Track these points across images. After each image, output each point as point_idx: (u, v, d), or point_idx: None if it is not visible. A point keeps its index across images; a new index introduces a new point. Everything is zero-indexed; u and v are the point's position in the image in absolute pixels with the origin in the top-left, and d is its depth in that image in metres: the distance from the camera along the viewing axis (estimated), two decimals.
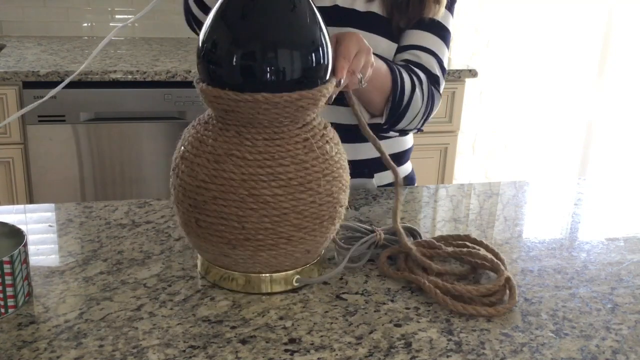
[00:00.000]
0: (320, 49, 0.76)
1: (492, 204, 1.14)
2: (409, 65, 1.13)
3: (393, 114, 1.09)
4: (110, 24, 2.69)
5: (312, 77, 0.75)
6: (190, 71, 2.10)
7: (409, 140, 1.27)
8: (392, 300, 0.80)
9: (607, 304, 0.81)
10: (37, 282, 0.81)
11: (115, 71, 2.07)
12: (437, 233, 1.01)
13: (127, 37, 2.70)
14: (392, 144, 1.22)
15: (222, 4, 0.75)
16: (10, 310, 0.74)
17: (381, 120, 1.11)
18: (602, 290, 0.85)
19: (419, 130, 1.19)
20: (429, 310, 0.78)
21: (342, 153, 0.82)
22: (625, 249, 0.97)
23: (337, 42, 0.89)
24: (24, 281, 0.75)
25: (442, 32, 1.17)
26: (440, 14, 1.15)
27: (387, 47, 1.15)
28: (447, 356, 0.70)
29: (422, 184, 1.34)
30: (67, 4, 2.64)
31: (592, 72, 3.24)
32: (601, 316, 0.78)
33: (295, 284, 0.81)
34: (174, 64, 2.18)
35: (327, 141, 0.78)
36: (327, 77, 0.78)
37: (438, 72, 1.15)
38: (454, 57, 2.93)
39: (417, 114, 1.12)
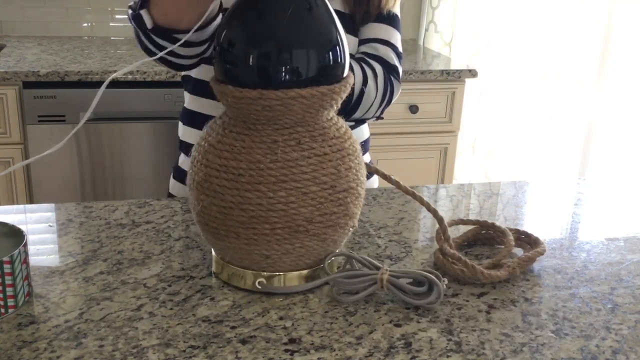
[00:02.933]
0: (336, 48, 0.76)
1: (492, 204, 1.14)
2: (364, 58, 1.16)
3: (342, 106, 1.10)
4: (111, 24, 2.69)
5: (327, 75, 0.76)
6: None
7: (365, 132, 1.31)
8: (392, 301, 0.80)
9: (607, 304, 0.81)
10: (37, 282, 0.81)
11: (115, 71, 2.07)
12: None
13: (127, 37, 2.70)
14: (359, 131, 1.25)
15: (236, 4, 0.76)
16: (10, 310, 0.74)
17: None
18: (602, 290, 0.85)
19: (379, 118, 1.22)
20: (429, 310, 0.78)
21: (359, 161, 0.81)
22: (625, 249, 0.97)
23: None
24: (24, 281, 0.75)
25: (394, 21, 1.21)
26: (397, 4, 1.19)
27: (351, 42, 1.16)
28: (447, 356, 0.70)
29: (422, 184, 1.34)
30: (67, 4, 2.64)
31: (592, 72, 3.24)
32: (601, 316, 0.78)
33: (258, 287, 0.79)
34: None
35: (334, 144, 0.79)
36: (344, 76, 0.79)
37: (396, 61, 1.19)
38: (454, 57, 2.93)
39: (372, 105, 1.15)
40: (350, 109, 1.13)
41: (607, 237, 1.01)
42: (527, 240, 0.94)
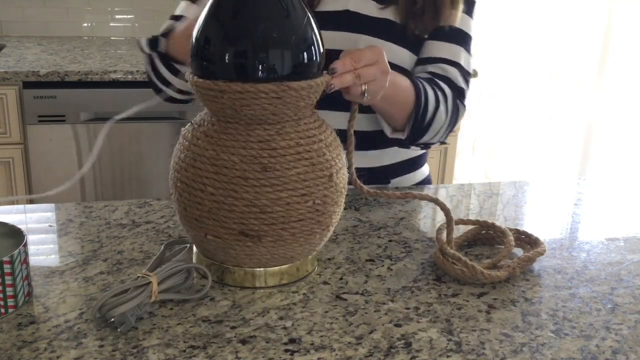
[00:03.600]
0: (307, 45, 0.77)
1: (492, 204, 1.14)
2: (434, 79, 1.10)
3: (415, 130, 1.07)
4: (111, 24, 2.69)
5: (300, 72, 0.76)
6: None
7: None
8: (392, 300, 0.80)
9: (607, 304, 0.81)
10: (37, 282, 0.81)
11: (115, 71, 2.07)
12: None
13: (127, 37, 2.70)
14: (408, 150, 1.20)
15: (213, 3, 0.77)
16: (10, 310, 0.74)
17: (402, 136, 1.08)
18: (602, 290, 0.85)
19: (442, 143, 1.17)
20: (429, 310, 0.78)
21: (338, 157, 0.81)
22: (625, 249, 0.97)
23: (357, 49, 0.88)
24: (24, 281, 0.75)
25: (463, 40, 1.14)
26: (457, 20, 1.12)
27: (403, 55, 1.12)
28: (447, 356, 0.70)
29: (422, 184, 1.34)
30: (67, 4, 2.64)
31: (592, 72, 3.24)
32: (601, 316, 0.78)
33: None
34: None
35: (321, 141, 0.79)
36: (318, 74, 0.79)
37: (462, 84, 1.13)
38: None
39: (441, 129, 1.10)
40: (421, 132, 1.08)
41: (607, 237, 1.01)
42: (527, 241, 0.94)
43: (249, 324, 0.74)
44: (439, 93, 1.08)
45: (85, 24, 2.68)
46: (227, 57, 0.74)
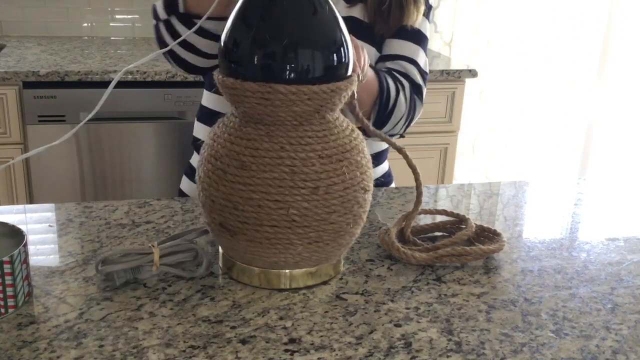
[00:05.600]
0: (340, 48, 0.76)
1: (492, 204, 1.14)
2: (391, 72, 1.15)
3: (380, 116, 1.11)
4: (111, 24, 2.69)
5: (330, 74, 0.76)
6: None
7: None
8: (392, 300, 0.80)
9: (607, 304, 0.81)
10: (37, 282, 0.81)
11: (115, 71, 2.07)
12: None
13: (127, 37, 2.70)
14: (370, 145, 1.23)
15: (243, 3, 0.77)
16: (10, 310, 0.74)
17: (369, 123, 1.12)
18: (602, 290, 0.85)
19: (401, 136, 1.21)
20: (429, 310, 0.78)
21: (365, 161, 0.81)
22: (625, 249, 0.97)
23: None
24: (24, 281, 0.75)
25: (421, 40, 1.19)
26: (418, 20, 1.18)
27: (369, 52, 1.16)
28: (447, 356, 0.70)
29: (423, 184, 1.34)
30: (67, 4, 2.64)
31: (592, 72, 3.24)
32: (601, 316, 0.78)
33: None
34: None
35: (349, 142, 0.79)
36: (347, 74, 0.79)
37: (420, 80, 1.18)
38: (454, 57, 2.93)
39: (401, 118, 1.14)
40: (384, 119, 1.12)
41: (607, 237, 1.01)
42: (490, 237, 0.96)
43: (249, 324, 0.74)
44: (398, 83, 1.13)
45: (85, 24, 2.68)
46: (262, 60, 0.74)
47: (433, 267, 0.88)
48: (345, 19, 1.12)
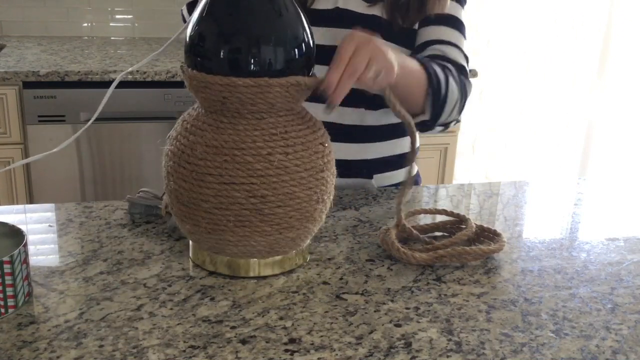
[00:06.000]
0: (294, 42, 0.79)
1: (492, 204, 1.14)
2: (434, 59, 1.10)
3: (435, 106, 1.06)
4: (111, 24, 2.69)
5: (291, 68, 0.78)
6: None
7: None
8: (392, 300, 0.80)
9: (607, 304, 0.81)
10: (37, 282, 0.81)
11: (115, 71, 2.07)
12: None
13: (127, 37, 2.70)
14: (401, 143, 1.22)
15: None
16: (10, 310, 0.74)
17: (426, 117, 1.07)
18: (602, 290, 0.85)
19: (457, 121, 1.16)
20: (429, 310, 0.78)
21: (328, 151, 0.83)
22: (625, 249, 0.97)
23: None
24: (24, 281, 0.75)
25: (455, 24, 1.15)
26: (446, 7, 1.14)
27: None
28: (447, 356, 0.70)
29: (423, 184, 1.34)
30: (67, 4, 2.64)
31: (592, 72, 3.24)
32: (601, 316, 0.78)
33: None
34: (173, 64, 2.18)
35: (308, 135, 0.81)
36: (309, 71, 0.81)
37: (463, 61, 1.14)
38: None
39: (456, 103, 1.09)
40: (440, 107, 1.07)
41: (607, 237, 1.01)
42: (490, 237, 0.96)
43: (249, 324, 0.74)
44: (445, 68, 1.08)
45: (85, 24, 2.68)
46: (228, 54, 0.77)
47: (433, 267, 0.88)
48: (365, 17, 1.13)
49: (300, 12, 0.80)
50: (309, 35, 0.80)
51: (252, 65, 0.76)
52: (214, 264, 0.84)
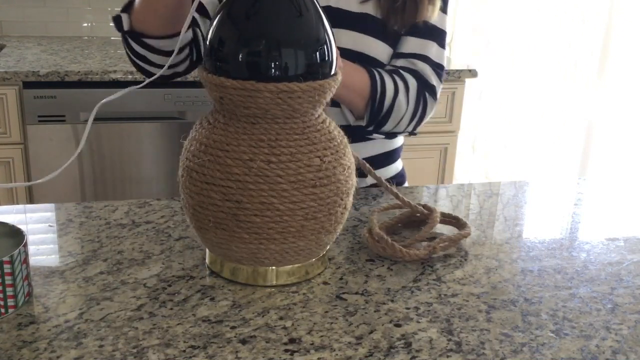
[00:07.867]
0: (323, 45, 0.77)
1: (492, 204, 1.14)
2: (398, 70, 1.14)
3: (374, 117, 1.12)
4: (111, 24, 2.69)
5: (313, 72, 0.76)
6: None
7: (398, 139, 1.30)
8: (392, 300, 0.80)
9: (607, 304, 0.81)
10: (37, 282, 0.81)
11: (115, 71, 2.07)
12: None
13: None
14: (383, 143, 1.25)
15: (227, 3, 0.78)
16: (10, 310, 0.74)
17: (363, 123, 1.14)
18: (602, 290, 0.85)
19: (412, 134, 1.21)
20: (429, 310, 0.78)
21: (346, 154, 0.82)
22: (625, 249, 0.97)
23: None
24: (24, 281, 0.75)
25: (438, 36, 1.18)
26: (434, 16, 1.16)
27: (382, 49, 1.16)
28: (447, 356, 0.70)
29: (422, 184, 1.34)
30: (67, 4, 2.64)
31: (592, 72, 3.24)
32: (601, 316, 0.78)
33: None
34: None
35: (329, 140, 0.79)
36: (331, 73, 0.79)
37: (434, 80, 1.17)
38: (454, 57, 2.93)
39: (402, 118, 1.14)
40: (380, 121, 1.13)
41: (607, 237, 1.01)
42: (455, 223, 0.99)
43: (249, 324, 0.74)
44: (400, 83, 1.12)
45: (85, 24, 2.68)
46: (247, 58, 0.76)
47: (433, 267, 0.88)
48: (358, 15, 1.14)
49: (322, 13, 0.79)
50: (330, 38, 0.79)
51: (276, 70, 0.75)
52: (234, 274, 0.83)
